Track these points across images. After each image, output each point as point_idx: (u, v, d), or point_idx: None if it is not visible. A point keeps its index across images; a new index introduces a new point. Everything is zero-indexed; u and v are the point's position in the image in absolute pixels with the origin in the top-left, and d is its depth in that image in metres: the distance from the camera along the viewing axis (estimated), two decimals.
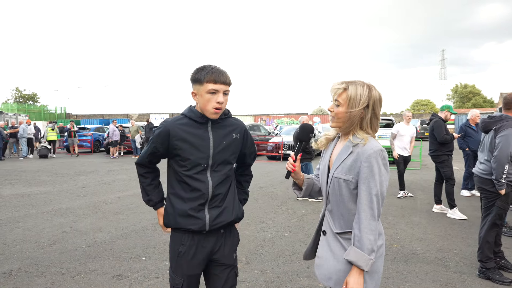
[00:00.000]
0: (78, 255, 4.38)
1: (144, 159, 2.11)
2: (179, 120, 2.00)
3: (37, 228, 5.55)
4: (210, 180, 1.97)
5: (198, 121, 1.97)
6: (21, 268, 4.00)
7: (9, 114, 23.72)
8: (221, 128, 2.02)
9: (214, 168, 1.98)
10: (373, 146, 1.67)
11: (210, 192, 1.97)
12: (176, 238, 2.04)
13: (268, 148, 16.05)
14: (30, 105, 48.42)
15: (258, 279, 3.72)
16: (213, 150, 1.97)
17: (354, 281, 1.64)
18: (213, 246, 2.03)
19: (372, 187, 1.63)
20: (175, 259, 2.03)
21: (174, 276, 2.04)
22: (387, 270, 3.90)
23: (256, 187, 8.95)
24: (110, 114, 46.46)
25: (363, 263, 1.61)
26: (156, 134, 2.01)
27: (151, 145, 2.05)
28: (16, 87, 58.74)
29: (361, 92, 1.69)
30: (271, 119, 41.64)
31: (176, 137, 1.95)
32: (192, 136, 1.95)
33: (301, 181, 1.94)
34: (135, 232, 5.30)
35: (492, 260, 3.73)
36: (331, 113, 1.77)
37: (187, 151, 1.94)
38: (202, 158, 1.95)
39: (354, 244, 1.65)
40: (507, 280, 3.58)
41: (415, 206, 6.96)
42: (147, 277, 3.75)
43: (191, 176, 1.95)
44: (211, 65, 1.95)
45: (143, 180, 2.15)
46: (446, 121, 6.37)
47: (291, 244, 4.77)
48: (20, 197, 7.94)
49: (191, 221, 1.96)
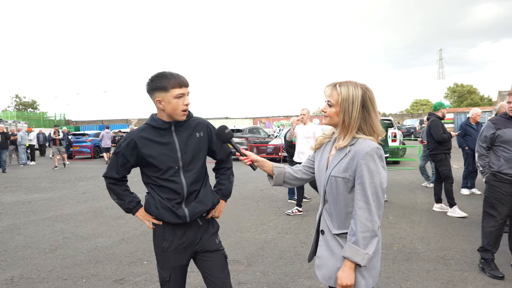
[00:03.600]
0: (79, 261, 4.39)
1: (113, 172, 2.15)
2: (143, 130, 2.10)
3: (39, 234, 5.55)
4: (184, 180, 2.08)
5: (162, 127, 2.07)
6: (23, 275, 4.01)
7: (8, 122, 23.74)
8: (183, 131, 2.11)
9: (186, 168, 2.09)
10: (369, 144, 1.69)
11: (185, 191, 2.09)
12: (159, 234, 2.18)
13: (268, 151, 16.08)
14: (29, 112, 48.46)
15: (259, 280, 3.72)
16: (180, 152, 2.07)
17: (344, 276, 1.65)
18: (194, 237, 2.16)
19: (369, 184, 1.65)
20: (160, 254, 2.17)
21: (162, 271, 2.18)
22: (388, 269, 3.91)
23: (256, 190, 8.96)
24: (109, 120, 46.47)
25: (359, 258, 1.62)
26: (124, 146, 2.09)
27: (119, 157, 2.10)
28: (16, 94, 58.92)
29: (352, 92, 1.72)
30: (271, 122, 41.67)
31: (143, 146, 2.05)
32: (158, 143, 2.06)
33: (269, 170, 2.02)
34: (136, 237, 5.31)
35: (490, 253, 3.76)
36: (324, 114, 1.82)
37: (157, 158, 2.05)
38: (172, 161, 2.06)
39: (350, 239, 1.66)
40: (500, 275, 3.61)
41: (415, 205, 6.97)
42: (149, 281, 3.75)
43: (166, 179, 2.07)
44: (168, 71, 2.03)
45: (116, 188, 2.19)
46: (443, 118, 6.39)
47: (292, 245, 4.78)
48: (21, 204, 7.95)
49: (173, 215, 2.08)
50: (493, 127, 3.73)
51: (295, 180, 2.05)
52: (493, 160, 3.76)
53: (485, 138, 3.78)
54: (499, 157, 3.70)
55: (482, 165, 3.80)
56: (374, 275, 1.73)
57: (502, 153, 3.68)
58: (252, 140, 17.39)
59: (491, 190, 3.74)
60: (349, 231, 1.69)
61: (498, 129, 3.70)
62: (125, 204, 2.20)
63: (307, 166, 2.04)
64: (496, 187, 3.70)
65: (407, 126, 30.88)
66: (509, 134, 3.64)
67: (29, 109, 55.12)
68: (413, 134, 28.96)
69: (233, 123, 35.28)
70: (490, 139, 3.75)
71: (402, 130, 28.05)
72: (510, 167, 3.62)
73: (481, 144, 3.82)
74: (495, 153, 3.75)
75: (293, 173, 2.04)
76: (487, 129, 3.79)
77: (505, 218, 3.74)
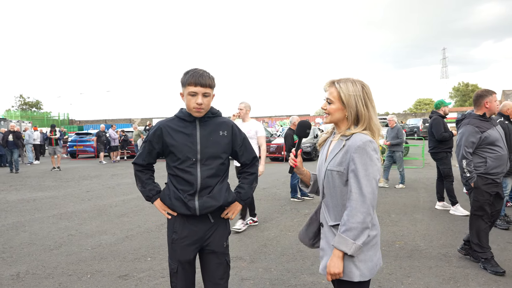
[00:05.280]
0: (84, 257, 4.44)
1: (141, 159, 2.28)
2: (170, 120, 2.21)
3: (43, 231, 5.61)
4: (199, 173, 2.13)
5: (187, 119, 2.16)
6: (28, 270, 4.06)
7: (13, 121, 23.89)
8: (208, 126, 2.18)
9: (204, 162, 2.14)
10: (362, 137, 1.72)
11: (199, 184, 2.13)
12: (170, 225, 2.25)
13: (271, 150, 16.10)
14: (33, 112, 48.70)
15: (262, 277, 3.76)
16: (200, 145, 2.13)
17: (332, 264, 1.70)
18: (204, 233, 2.20)
19: (362, 176, 1.68)
20: (170, 245, 2.25)
21: (170, 261, 2.25)
22: (390, 266, 3.94)
23: (259, 188, 8.99)
24: (112, 119, 46.65)
25: (346, 247, 1.66)
26: (152, 133, 2.21)
27: (147, 144, 2.23)
28: (20, 94, 59.23)
29: (352, 88, 1.76)
30: (274, 121, 41.70)
31: (168, 134, 2.14)
32: (181, 133, 2.14)
33: (306, 177, 2.03)
34: (140, 234, 5.35)
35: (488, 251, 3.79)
36: (324, 111, 1.85)
37: (177, 147, 2.13)
38: (191, 152, 2.12)
39: (341, 229, 1.70)
40: (501, 271, 3.65)
41: (417, 203, 6.98)
42: (153, 277, 3.79)
43: (183, 169, 2.13)
44: (196, 69, 2.12)
45: (141, 175, 2.31)
46: (445, 116, 6.39)
47: (294, 242, 4.81)
48: (26, 202, 8.02)
49: (183, 206, 2.13)
50: (478, 131, 3.78)
51: None
52: (478, 163, 3.80)
53: (473, 143, 3.79)
54: (485, 158, 3.77)
55: (470, 170, 3.81)
56: (370, 267, 1.75)
57: (488, 154, 3.76)
58: None
59: (480, 193, 3.81)
60: (341, 222, 1.72)
61: (483, 131, 3.77)
62: (146, 191, 2.29)
63: None
64: (484, 190, 3.78)
65: (410, 126, 30.79)
66: (494, 135, 3.75)
67: (33, 109, 55.40)
68: (416, 134, 28.88)
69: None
70: (476, 144, 3.79)
71: (405, 129, 28.00)
72: (497, 166, 3.73)
73: (468, 150, 3.81)
74: (480, 156, 3.80)
75: None
76: (472, 135, 3.79)
77: (490, 217, 3.87)
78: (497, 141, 3.74)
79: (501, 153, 3.74)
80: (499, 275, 3.62)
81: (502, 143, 3.78)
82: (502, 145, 3.77)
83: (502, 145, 3.77)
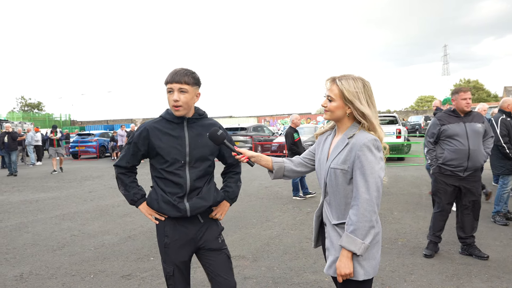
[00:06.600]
0: (87, 257, 4.45)
1: (124, 161, 2.22)
2: (157, 121, 2.15)
3: (46, 232, 5.63)
4: (188, 176, 2.11)
5: (174, 121, 2.12)
6: (32, 271, 4.07)
7: (14, 123, 23.97)
8: (196, 127, 2.15)
9: (192, 164, 2.12)
10: (366, 136, 1.71)
11: (188, 186, 2.10)
12: (160, 230, 2.21)
13: (273, 148, 16.10)
14: (35, 113, 48.81)
15: (265, 275, 3.76)
16: (189, 147, 2.10)
17: (342, 265, 1.69)
18: (195, 234, 2.18)
19: (368, 174, 1.66)
20: (163, 250, 2.22)
21: (165, 265, 2.22)
22: (393, 263, 3.93)
23: (261, 187, 8.99)
24: (114, 120, 46.71)
25: (356, 247, 1.65)
26: (137, 135, 2.15)
27: (132, 146, 2.17)
28: (21, 96, 59.38)
29: (354, 85, 1.74)
30: (275, 120, 41.70)
31: (155, 136, 2.09)
32: (169, 136, 2.11)
33: (269, 164, 2.04)
34: (143, 234, 5.36)
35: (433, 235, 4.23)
36: (325, 108, 1.82)
37: (165, 149, 2.08)
38: (179, 155, 2.08)
39: (348, 229, 1.68)
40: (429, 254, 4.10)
41: (420, 201, 6.97)
42: (156, 276, 3.80)
43: (171, 172, 2.09)
44: (177, 68, 2.08)
45: (124, 178, 2.25)
46: None
47: (297, 241, 4.81)
48: (28, 203, 8.04)
49: (173, 209, 2.10)
50: (439, 123, 4.08)
51: (295, 172, 2.08)
52: (439, 153, 4.12)
53: (433, 134, 4.14)
54: (443, 149, 4.06)
55: (430, 158, 4.17)
56: (374, 265, 1.75)
57: (446, 146, 4.04)
58: (256, 138, 17.42)
59: (436, 181, 4.19)
60: (347, 221, 1.71)
61: (443, 124, 4.04)
62: (130, 195, 2.24)
63: (308, 158, 2.06)
64: (440, 179, 4.13)
65: (412, 123, 30.73)
66: (453, 129, 3.98)
67: (35, 110, 55.51)
68: (418, 131, 28.82)
69: (237, 121, 35.33)
70: (436, 134, 4.11)
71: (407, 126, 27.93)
72: (453, 158, 3.98)
73: (428, 140, 4.19)
74: (440, 147, 4.11)
75: (293, 166, 2.07)
76: (433, 126, 4.14)
77: (446, 206, 4.18)
78: (456, 136, 3.95)
79: (458, 147, 3.94)
80: (427, 258, 4.06)
81: (465, 139, 3.93)
82: (463, 140, 3.93)
83: (464, 141, 3.93)
